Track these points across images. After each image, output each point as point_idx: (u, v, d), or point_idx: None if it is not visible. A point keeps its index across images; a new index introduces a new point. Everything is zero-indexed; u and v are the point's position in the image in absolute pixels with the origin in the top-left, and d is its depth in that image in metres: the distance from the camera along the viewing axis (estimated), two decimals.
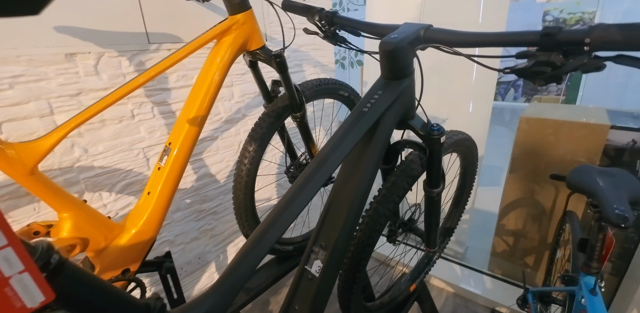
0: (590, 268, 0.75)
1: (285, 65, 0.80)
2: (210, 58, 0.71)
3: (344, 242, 0.52)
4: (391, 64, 0.52)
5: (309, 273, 0.52)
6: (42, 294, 0.23)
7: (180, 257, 1.08)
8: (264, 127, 0.84)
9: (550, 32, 0.39)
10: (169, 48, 0.94)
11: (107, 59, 0.83)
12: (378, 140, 0.54)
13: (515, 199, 1.45)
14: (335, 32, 0.71)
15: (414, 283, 1.05)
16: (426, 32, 0.50)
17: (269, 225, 0.44)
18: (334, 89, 1.02)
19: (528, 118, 1.33)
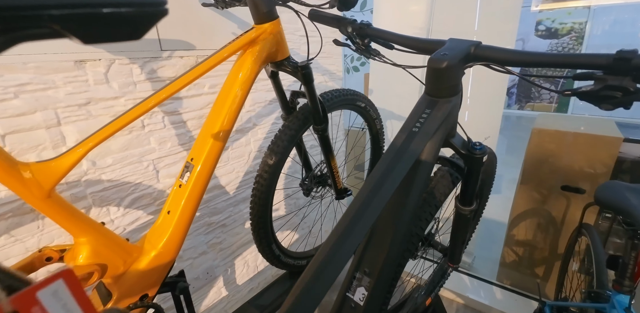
0: (623, 287, 0.73)
1: (312, 77, 0.77)
2: (235, 69, 0.67)
3: (390, 269, 0.48)
4: (441, 82, 0.49)
5: (352, 302, 0.48)
6: None
7: (189, 273, 1.03)
8: (285, 140, 0.81)
9: (626, 57, 0.36)
10: (182, 55, 0.90)
11: (117, 67, 0.78)
12: (426, 161, 0.51)
13: (526, 210, 1.44)
14: (369, 45, 0.68)
15: (430, 297, 1.02)
16: (477, 49, 0.48)
17: (319, 271, 0.40)
18: (352, 99, 1.00)
19: (540, 130, 1.32)
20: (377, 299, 0.48)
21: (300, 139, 0.89)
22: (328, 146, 0.88)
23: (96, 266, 0.48)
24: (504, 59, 0.45)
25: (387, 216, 0.50)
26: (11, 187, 0.43)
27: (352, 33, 0.64)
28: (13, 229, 0.66)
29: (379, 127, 1.18)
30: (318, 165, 1.01)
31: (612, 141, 1.18)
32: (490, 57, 0.46)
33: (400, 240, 0.49)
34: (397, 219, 0.49)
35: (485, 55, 0.46)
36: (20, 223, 0.66)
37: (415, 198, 0.49)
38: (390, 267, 0.48)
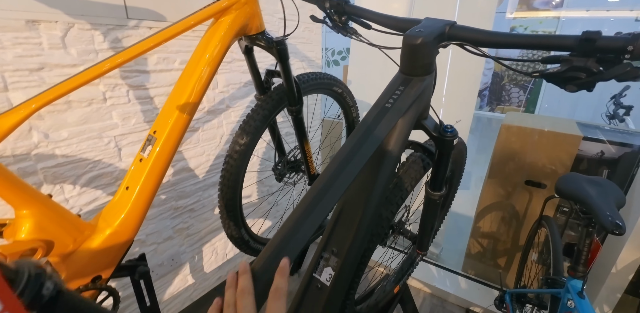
0: (577, 272, 0.77)
1: (287, 54, 0.75)
2: (206, 38, 0.63)
3: (358, 248, 0.48)
4: (415, 59, 0.48)
5: (318, 282, 0.47)
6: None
7: (152, 258, 0.98)
8: (257, 120, 0.78)
9: (590, 37, 0.37)
10: (150, 26, 0.84)
11: (77, 32, 0.72)
12: (398, 139, 0.50)
13: (491, 203, 1.49)
14: (346, 23, 0.66)
15: (398, 285, 1.04)
16: (451, 28, 0.48)
17: (278, 248, 0.39)
18: (329, 84, 0.98)
19: (508, 126, 1.37)
20: (344, 280, 0.47)
21: (274, 121, 0.87)
22: (302, 129, 0.86)
23: (40, 242, 0.43)
24: (476, 39, 0.45)
25: (356, 195, 0.49)
26: None
27: (330, 10, 0.63)
28: None
29: (355, 115, 1.17)
30: (292, 151, 0.99)
31: (573, 139, 1.24)
32: (464, 37, 0.46)
33: (369, 219, 0.48)
34: (366, 198, 0.48)
35: (459, 35, 0.46)
36: None
37: (386, 175, 0.49)
38: (358, 246, 0.48)
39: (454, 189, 1.07)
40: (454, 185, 1.05)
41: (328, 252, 0.48)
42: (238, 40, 0.74)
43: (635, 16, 3.04)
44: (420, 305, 1.46)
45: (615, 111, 2.36)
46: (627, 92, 2.50)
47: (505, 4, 3.74)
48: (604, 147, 1.22)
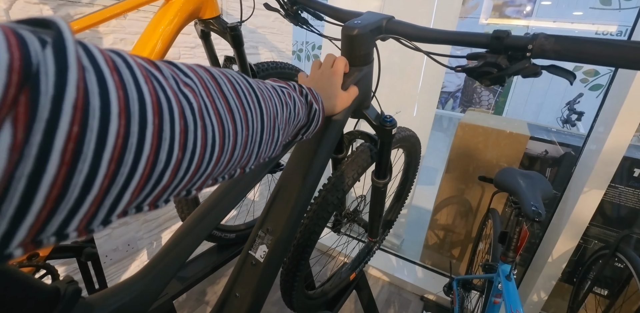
0: (507, 258, 0.84)
1: (241, 40, 0.75)
2: (156, 19, 0.63)
3: (292, 228, 0.50)
4: (352, 49, 0.51)
5: (253, 259, 0.49)
6: None
7: (106, 243, 0.96)
8: None
9: (499, 36, 0.41)
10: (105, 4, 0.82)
11: (23, 4, 0.69)
12: (334, 124, 0.53)
13: (448, 197, 1.57)
14: (297, 12, 0.68)
15: (354, 273, 1.08)
16: (388, 22, 0.51)
17: (209, 208, 0.40)
18: (291, 74, 1.00)
19: (464, 124, 1.44)
20: (277, 256, 0.49)
21: None
22: None
23: None
24: (409, 34, 0.49)
25: (293, 174, 0.51)
26: None
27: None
28: None
29: None
30: None
31: (521, 138, 1.33)
32: (397, 31, 0.49)
33: (304, 199, 0.51)
34: (302, 177, 0.50)
35: (394, 29, 0.49)
36: None
37: (322, 156, 0.51)
38: (292, 225, 0.50)
39: (410, 181, 1.12)
40: (410, 177, 1.10)
41: (263, 230, 0.50)
42: (194, 24, 0.74)
43: (595, 30, 3.26)
44: (379, 293, 1.53)
45: (568, 116, 2.54)
46: (580, 99, 2.68)
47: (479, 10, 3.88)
48: (549, 147, 1.32)
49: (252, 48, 1.33)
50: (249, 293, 0.47)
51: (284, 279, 0.70)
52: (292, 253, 0.67)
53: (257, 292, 0.47)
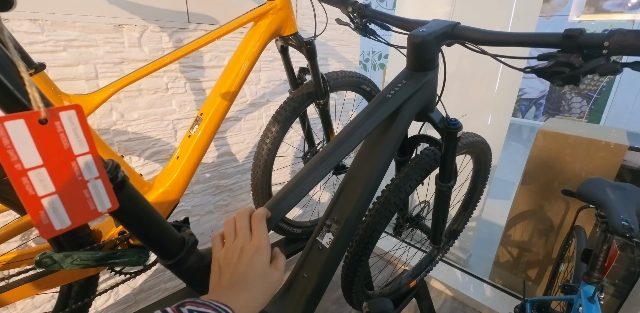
0: (591, 278, 0.75)
1: (315, 53, 0.84)
2: (247, 38, 0.75)
3: (356, 218, 0.55)
4: (417, 55, 0.55)
5: (320, 245, 0.55)
6: (109, 202, 0.27)
7: (195, 228, 1.13)
8: (287, 110, 0.88)
9: (572, 34, 0.41)
10: (206, 29, 0.99)
11: (150, 33, 0.88)
12: (398, 125, 0.57)
13: (524, 211, 1.44)
14: (366, 24, 0.74)
15: (415, 280, 1.07)
16: (454, 28, 0.53)
17: (282, 197, 0.47)
18: (357, 82, 1.06)
19: (545, 131, 1.32)
20: (341, 244, 0.54)
21: (304, 112, 0.97)
22: (328, 120, 0.95)
23: None
24: (476, 38, 0.50)
25: (359, 172, 0.56)
26: None
27: (352, 13, 0.71)
28: None
29: None
30: (320, 142, 1.08)
31: (616, 148, 1.17)
32: (464, 36, 0.51)
33: (367, 194, 0.55)
34: (367, 174, 0.55)
35: (460, 34, 0.52)
36: None
37: (386, 156, 0.55)
38: (356, 217, 0.55)
39: (479, 190, 1.08)
40: (478, 186, 1.06)
41: (330, 220, 0.56)
42: (275, 40, 0.85)
43: None
44: (441, 306, 1.46)
45: None
46: None
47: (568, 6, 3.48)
48: None
49: (322, 59, 1.44)
50: (315, 275, 0.53)
51: (346, 273, 0.75)
52: (354, 249, 0.71)
53: (322, 274, 0.53)
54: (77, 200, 0.26)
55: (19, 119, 0.22)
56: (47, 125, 0.23)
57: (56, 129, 0.24)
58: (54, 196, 0.25)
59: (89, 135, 0.25)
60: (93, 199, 0.27)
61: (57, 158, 0.24)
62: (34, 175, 0.24)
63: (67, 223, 0.26)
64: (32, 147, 0.23)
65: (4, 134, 0.22)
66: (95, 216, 0.27)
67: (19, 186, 0.23)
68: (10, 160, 0.23)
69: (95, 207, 0.27)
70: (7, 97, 0.23)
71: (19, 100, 0.23)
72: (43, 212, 0.25)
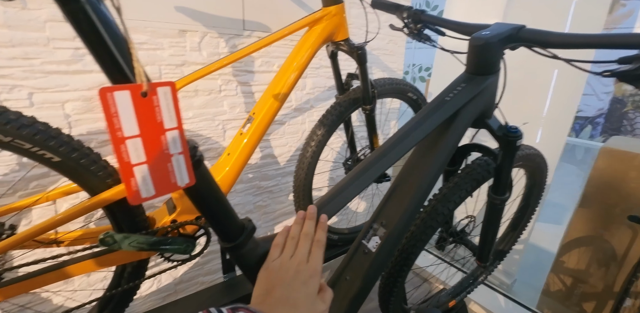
0: None
1: (365, 58, 0.84)
2: (301, 42, 0.77)
3: (405, 224, 0.53)
4: (479, 59, 0.53)
5: (365, 248, 0.53)
6: (188, 177, 0.28)
7: None
8: (334, 115, 0.89)
9: None
10: (259, 36, 1.04)
11: (209, 39, 0.94)
12: (455, 130, 0.54)
13: (581, 237, 1.31)
14: (421, 30, 0.73)
15: (454, 300, 1.00)
16: (520, 31, 0.50)
17: (328, 200, 0.46)
18: (404, 89, 1.04)
19: (609, 150, 1.21)
20: (388, 249, 0.52)
21: (349, 118, 0.97)
22: (373, 126, 0.94)
23: None
24: (546, 41, 0.47)
25: (410, 176, 0.54)
26: None
27: (407, 19, 0.70)
28: (110, 154, 0.85)
29: None
30: (363, 149, 1.07)
31: None
32: (531, 39, 0.48)
33: (418, 200, 0.53)
34: (419, 179, 0.53)
35: (527, 37, 0.49)
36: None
37: (440, 161, 0.53)
38: (405, 222, 0.53)
39: (531, 209, 1.00)
40: (531, 204, 0.98)
41: (378, 223, 0.54)
42: (326, 46, 0.87)
43: None
44: None
45: None
46: None
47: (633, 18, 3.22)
48: None
49: None
50: (359, 278, 0.51)
51: (385, 283, 0.72)
52: (396, 258, 0.68)
53: (366, 278, 0.51)
54: (161, 172, 0.28)
55: (125, 90, 0.25)
56: (146, 98, 0.25)
57: (153, 103, 0.26)
58: (144, 165, 0.27)
59: (178, 111, 0.27)
60: (174, 173, 0.28)
61: (150, 130, 0.27)
62: (130, 144, 0.26)
63: (152, 192, 0.28)
64: (132, 117, 0.25)
65: (112, 102, 0.24)
66: (175, 189, 0.29)
67: (118, 152, 0.26)
68: (114, 126, 0.25)
69: (175, 180, 0.29)
70: (117, 69, 0.25)
71: (126, 74, 0.25)
72: (134, 179, 0.27)
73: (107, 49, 0.25)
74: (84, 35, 0.25)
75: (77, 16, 0.24)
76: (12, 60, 0.69)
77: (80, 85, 0.77)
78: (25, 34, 0.69)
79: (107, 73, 0.27)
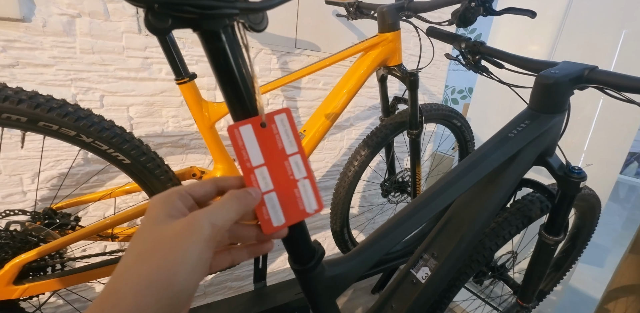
0: None
1: (417, 84, 0.85)
2: (355, 65, 0.79)
3: (458, 258, 0.51)
4: (546, 97, 0.51)
5: (414, 278, 0.51)
6: (316, 203, 0.28)
7: None
8: (379, 136, 0.89)
9: None
10: (309, 54, 1.07)
11: (262, 55, 0.98)
12: (517, 168, 0.53)
13: (630, 285, 1.20)
14: (479, 61, 0.72)
15: None
16: (591, 72, 0.49)
17: (409, 215, 0.45)
18: (450, 116, 1.03)
19: None
20: (439, 282, 0.50)
21: (392, 140, 0.96)
22: (417, 151, 0.93)
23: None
24: (621, 84, 0.45)
25: (466, 209, 0.52)
26: (195, 113, 0.60)
27: (465, 49, 0.70)
28: (167, 156, 0.89)
29: (470, 150, 1.17)
30: (402, 171, 1.06)
31: None
32: (605, 81, 0.46)
33: (472, 235, 0.51)
34: (475, 214, 0.51)
35: (599, 79, 0.47)
36: (172, 153, 0.89)
37: (497, 199, 0.51)
38: (458, 256, 0.51)
39: (578, 250, 0.94)
40: (578, 245, 0.93)
41: (428, 254, 0.52)
42: (377, 70, 0.88)
43: None
44: None
45: None
46: None
47: None
48: None
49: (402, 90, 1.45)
50: (404, 308, 0.49)
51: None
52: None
53: (412, 309, 0.49)
54: (290, 199, 0.28)
55: (248, 124, 0.26)
56: (266, 128, 0.27)
57: (272, 131, 0.27)
58: (272, 193, 0.27)
59: (297, 136, 0.28)
60: (302, 199, 0.28)
61: (274, 158, 0.27)
62: (258, 173, 0.27)
63: (282, 220, 0.28)
64: (256, 148, 0.27)
65: (239, 136, 0.26)
66: (304, 216, 0.29)
67: (249, 182, 0.26)
68: (243, 158, 0.26)
69: (303, 206, 0.28)
70: (240, 102, 0.26)
71: (247, 107, 0.26)
72: (264, 207, 0.27)
73: (236, 83, 0.26)
74: (219, 70, 0.26)
75: (217, 53, 0.25)
76: (90, 66, 0.75)
77: (144, 91, 0.82)
78: (105, 43, 0.75)
79: (230, 105, 0.27)
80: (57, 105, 0.46)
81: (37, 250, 0.50)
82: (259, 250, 0.29)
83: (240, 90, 0.26)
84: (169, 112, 0.87)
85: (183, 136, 0.90)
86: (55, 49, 0.71)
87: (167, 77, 0.84)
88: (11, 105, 0.43)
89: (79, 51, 0.73)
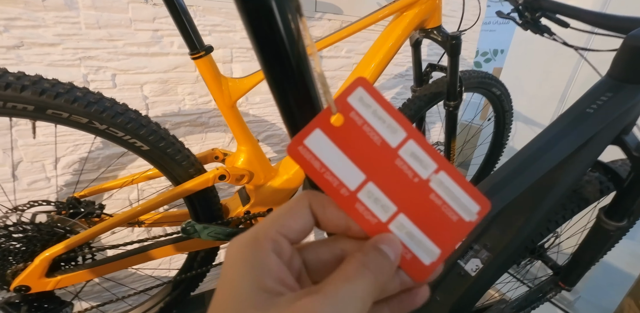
0: None
1: (459, 50, 0.74)
2: (389, 28, 0.69)
3: (514, 251, 0.46)
4: (636, 63, 0.42)
5: (462, 269, 0.47)
6: (474, 201, 0.18)
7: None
8: (412, 109, 0.81)
9: None
10: (330, 18, 0.97)
11: None
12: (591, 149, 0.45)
13: None
14: (538, 20, 0.61)
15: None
16: None
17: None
18: (489, 84, 0.93)
19: None
20: (490, 275, 0.46)
21: (424, 113, 0.88)
22: (454, 125, 0.85)
23: (247, 171, 0.59)
24: None
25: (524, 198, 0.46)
26: (214, 91, 0.55)
27: (522, 5, 0.59)
28: (185, 135, 0.85)
29: (508, 121, 1.07)
30: (435, 144, 0.99)
31: None
32: None
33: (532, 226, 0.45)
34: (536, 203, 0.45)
35: None
36: (191, 132, 0.85)
37: (568, 183, 0.44)
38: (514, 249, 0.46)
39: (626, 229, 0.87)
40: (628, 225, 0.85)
41: (480, 245, 0.48)
42: None
43: None
44: None
45: None
46: None
47: None
48: None
49: (436, 55, 1.31)
50: (450, 302, 0.46)
51: None
52: None
53: (459, 303, 0.45)
54: (430, 213, 0.17)
55: (315, 130, 0.17)
56: (342, 125, 0.17)
57: (356, 123, 0.17)
58: (400, 217, 0.17)
59: (397, 113, 0.17)
60: (449, 204, 0.17)
61: (377, 163, 0.17)
62: (365, 197, 0.17)
63: (435, 252, 0.17)
64: (345, 161, 0.17)
65: (309, 156, 0.17)
66: (467, 229, 0.18)
67: (356, 216, 0.17)
68: (332, 185, 0.17)
69: (458, 215, 0.17)
70: (297, 93, 0.19)
71: (309, 97, 0.20)
72: (396, 238, 0.17)
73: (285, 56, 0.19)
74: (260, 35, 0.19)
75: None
76: (98, 42, 0.69)
77: (157, 68, 0.76)
78: (110, 16, 0.68)
79: (278, 95, 0.21)
80: (64, 90, 0.41)
81: (65, 243, 0.48)
82: (410, 303, 0.18)
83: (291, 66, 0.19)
84: (184, 89, 0.81)
85: (201, 114, 0.85)
86: (59, 25, 0.65)
87: (180, 51, 0.77)
88: (14, 93, 0.38)
89: (84, 26, 0.67)
